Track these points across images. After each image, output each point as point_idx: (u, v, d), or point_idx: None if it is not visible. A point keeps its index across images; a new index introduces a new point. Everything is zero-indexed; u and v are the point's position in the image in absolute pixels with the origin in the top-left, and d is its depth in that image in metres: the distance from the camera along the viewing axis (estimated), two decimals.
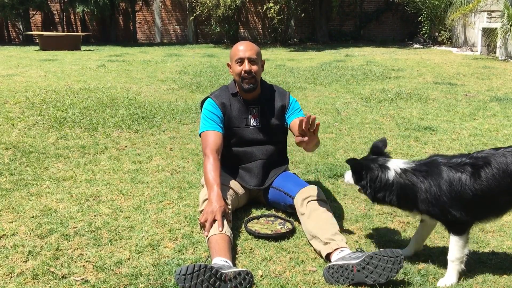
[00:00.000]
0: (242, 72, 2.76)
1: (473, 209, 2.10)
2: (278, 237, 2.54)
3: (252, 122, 2.88)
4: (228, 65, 2.92)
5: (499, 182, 2.07)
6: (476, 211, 2.11)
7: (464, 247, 2.11)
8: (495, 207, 2.14)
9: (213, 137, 2.76)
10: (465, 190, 2.07)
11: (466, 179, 2.08)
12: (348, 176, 2.35)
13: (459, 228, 2.11)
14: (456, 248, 2.11)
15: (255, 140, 2.88)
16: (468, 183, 2.08)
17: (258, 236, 2.55)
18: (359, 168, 2.26)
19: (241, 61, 2.77)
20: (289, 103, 2.92)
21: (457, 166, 2.12)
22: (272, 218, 2.76)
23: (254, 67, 2.77)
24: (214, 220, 2.39)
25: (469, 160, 2.14)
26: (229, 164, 2.91)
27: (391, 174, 2.19)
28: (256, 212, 2.89)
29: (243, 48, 2.78)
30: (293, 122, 2.86)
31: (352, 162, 2.28)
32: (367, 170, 2.23)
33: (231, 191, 2.72)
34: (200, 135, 2.86)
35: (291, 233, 2.59)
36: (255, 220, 2.74)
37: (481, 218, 2.16)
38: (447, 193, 2.08)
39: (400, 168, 2.20)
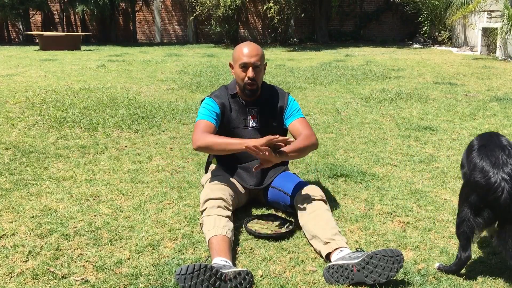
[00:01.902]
0: (246, 78, 2.75)
1: None
2: (278, 237, 2.54)
3: (251, 123, 2.88)
4: (230, 64, 2.89)
5: None
6: None
7: None
8: None
9: (206, 125, 2.75)
10: None
11: None
12: None
13: None
14: None
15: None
16: None
17: (258, 236, 2.55)
18: None
19: (245, 66, 2.74)
20: (287, 104, 2.91)
21: None
22: (272, 218, 2.76)
23: (258, 74, 2.77)
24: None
25: None
26: (228, 163, 2.91)
27: None
28: (256, 212, 2.90)
29: (248, 53, 2.74)
30: (291, 124, 2.87)
31: None
32: None
33: (231, 191, 2.72)
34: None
35: (291, 233, 2.59)
36: (255, 220, 2.74)
37: None
38: None
39: None
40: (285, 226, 2.65)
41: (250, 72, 2.73)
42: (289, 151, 2.61)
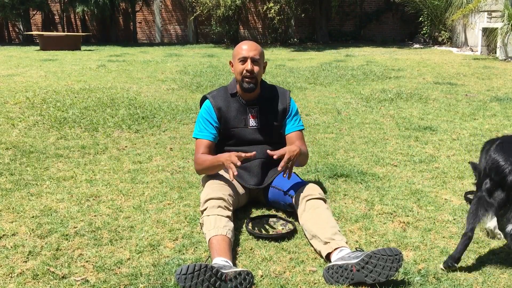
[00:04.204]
0: (244, 71, 2.77)
1: None
2: (278, 238, 2.54)
3: (251, 122, 2.89)
4: (230, 63, 2.92)
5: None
6: None
7: None
8: None
9: (202, 145, 2.87)
10: None
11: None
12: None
13: None
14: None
15: (254, 140, 2.89)
16: None
17: (258, 236, 2.55)
18: None
19: (244, 60, 2.77)
20: (289, 108, 2.96)
21: None
22: (274, 219, 2.76)
23: (256, 68, 2.78)
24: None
25: None
26: None
27: None
28: (256, 212, 2.89)
29: (247, 48, 2.79)
30: (290, 136, 2.96)
31: None
32: None
33: (231, 191, 2.72)
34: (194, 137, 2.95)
35: (291, 233, 2.59)
36: (256, 221, 2.74)
37: None
38: None
39: None
40: (286, 227, 2.65)
41: (248, 65, 2.76)
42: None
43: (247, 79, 2.78)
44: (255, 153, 2.62)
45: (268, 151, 2.69)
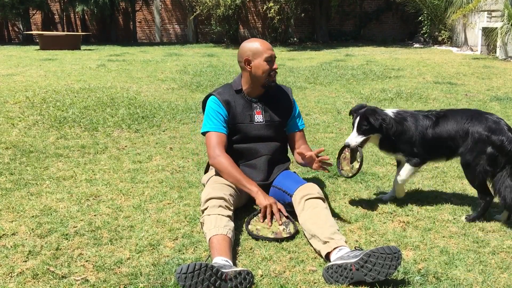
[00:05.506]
0: (272, 70, 2.85)
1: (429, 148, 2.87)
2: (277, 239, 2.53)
3: (257, 118, 2.91)
4: (247, 60, 2.85)
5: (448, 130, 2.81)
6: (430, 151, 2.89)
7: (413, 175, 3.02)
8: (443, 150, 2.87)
9: (218, 137, 2.84)
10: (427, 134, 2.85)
11: (429, 125, 2.85)
12: (354, 135, 2.87)
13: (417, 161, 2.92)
14: (407, 173, 2.94)
15: (259, 136, 2.90)
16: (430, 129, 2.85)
17: (258, 237, 2.54)
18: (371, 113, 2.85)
19: (271, 60, 2.85)
20: (293, 106, 3.02)
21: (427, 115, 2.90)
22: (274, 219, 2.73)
23: None
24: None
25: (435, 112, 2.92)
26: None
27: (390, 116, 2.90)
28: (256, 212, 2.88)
29: (268, 46, 2.87)
30: (293, 135, 3.04)
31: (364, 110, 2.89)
32: (376, 115, 2.84)
33: (232, 190, 2.72)
34: (203, 133, 2.91)
35: (292, 237, 2.56)
36: (259, 217, 2.69)
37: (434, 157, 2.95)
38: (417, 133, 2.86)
39: (393, 112, 2.92)
40: (288, 228, 2.60)
41: (275, 64, 2.88)
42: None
43: (272, 77, 2.87)
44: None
45: (304, 151, 2.74)
